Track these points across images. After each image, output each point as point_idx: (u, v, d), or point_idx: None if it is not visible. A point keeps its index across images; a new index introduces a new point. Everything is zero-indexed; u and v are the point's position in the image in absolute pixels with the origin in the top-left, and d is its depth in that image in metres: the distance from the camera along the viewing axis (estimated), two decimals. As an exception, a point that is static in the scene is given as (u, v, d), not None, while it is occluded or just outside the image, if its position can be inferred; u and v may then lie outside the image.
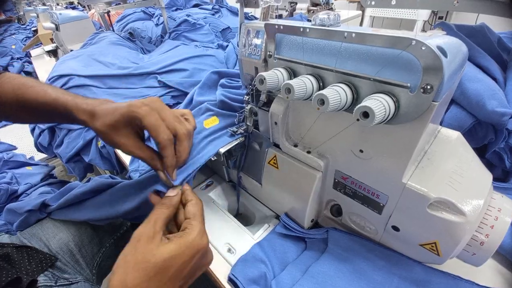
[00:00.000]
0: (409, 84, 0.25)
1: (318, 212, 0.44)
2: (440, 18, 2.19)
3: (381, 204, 0.34)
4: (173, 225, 0.35)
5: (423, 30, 2.07)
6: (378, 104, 0.24)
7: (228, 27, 1.06)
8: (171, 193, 0.35)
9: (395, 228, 0.34)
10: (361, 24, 1.65)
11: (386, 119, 0.25)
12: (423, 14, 1.84)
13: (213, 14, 1.15)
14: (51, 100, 0.40)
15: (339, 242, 0.39)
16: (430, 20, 2.22)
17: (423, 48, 0.23)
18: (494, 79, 0.48)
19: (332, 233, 0.40)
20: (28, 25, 3.26)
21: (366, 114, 0.24)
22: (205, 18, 1.07)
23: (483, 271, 0.37)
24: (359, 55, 0.28)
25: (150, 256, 0.28)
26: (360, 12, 1.59)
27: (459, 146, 0.35)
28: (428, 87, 0.24)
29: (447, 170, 0.31)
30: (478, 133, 0.45)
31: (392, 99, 0.26)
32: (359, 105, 0.24)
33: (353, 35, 0.27)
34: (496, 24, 0.58)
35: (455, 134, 0.36)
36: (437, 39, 0.26)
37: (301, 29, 0.31)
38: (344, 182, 0.37)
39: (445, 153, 0.33)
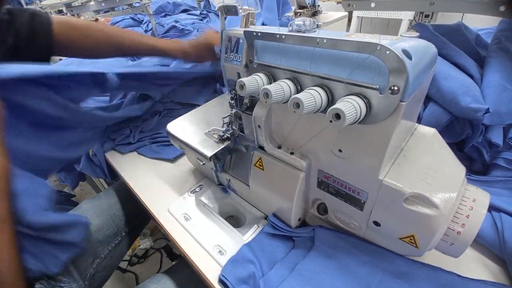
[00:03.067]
0: (378, 86, 0.26)
1: (305, 211, 0.45)
2: (427, 16, 2.23)
3: (362, 201, 0.35)
4: None
5: (410, 27, 2.11)
6: (349, 106, 0.25)
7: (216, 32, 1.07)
8: None
9: (376, 223, 0.35)
10: (348, 25, 1.67)
11: (358, 120, 0.27)
12: (408, 14, 1.87)
13: (201, 20, 1.16)
14: (148, 46, 0.60)
15: (325, 239, 0.40)
16: (417, 18, 2.26)
17: (387, 52, 0.24)
18: (471, 76, 0.50)
19: (318, 231, 0.41)
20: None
21: (338, 116, 0.25)
22: (193, 23, 1.08)
23: (468, 263, 0.39)
24: (332, 59, 0.29)
25: None
26: (346, 13, 1.61)
27: (434, 142, 0.36)
28: (395, 88, 0.25)
29: (422, 166, 0.32)
30: (456, 128, 0.47)
31: (363, 100, 0.27)
32: (331, 108, 0.25)
33: (325, 40, 0.28)
34: (483, 19, 0.59)
35: (431, 131, 0.38)
36: (403, 42, 0.27)
37: (277, 36, 0.32)
38: (327, 181, 0.38)
39: (421, 150, 0.34)
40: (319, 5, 1.32)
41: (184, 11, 1.34)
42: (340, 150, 0.33)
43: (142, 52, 0.63)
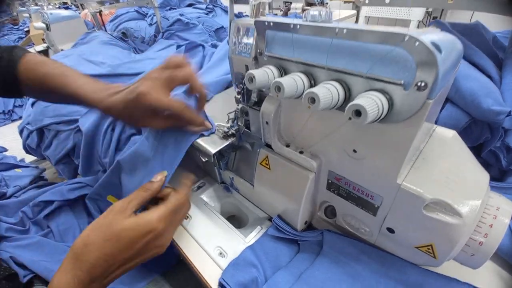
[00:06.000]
0: (402, 82, 0.24)
1: (312, 213, 0.43)
2: (434, 18, 2.20)
3: (376, 206, 0.33)
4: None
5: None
6: (371, 102, 0.23)
7: (222, 27, 1.05)
8: (153, 179, 0.40)
9: (390, 230, 0.33)
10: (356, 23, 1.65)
11: (379, 118, 0.24)
12: (417, 15, 1.85)
13: (206, 14, 1.14)
14: (69, 95, 0.42)
15: (335, 245, 0.38)
16: (424, 20, 2.23)
17: (416, 43, 0.22)
18: (489, 77, 0.48)
19: (327, 235, 0.39)
20: (20, 26, 3.21)
21: (358, 113, 0.23)
22: (199, 17, 1.06)
23: (482, 274, 0.36)
24: (351, 52, 0.27)
25: (114, 223, 0.33)
26: (355, 12, 1.58)
27: (454, 145, 0.34)
28: (422, 84, 0.23)
29: (443, 170, 0.30)
30: (473, 132, 0.44)
31: (386, 97, 0.25)
32: (351, 103, 0.23)
33: (345, 31, 0.26)
34: (491, 23, 0.58)
35: (451, 133, 0.35)
36: (431, 35, 0.24)
37: (292, 26, 0.30)
38: (337, 183, 0.36)
39: (441, 153, 0.32)
40: (327, 3, 1.29)
41: (190, 5, 1.32)
42: (354, 151, 0.31)
43: (63, 100, 0.47)
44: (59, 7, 1.92)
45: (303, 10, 1.29)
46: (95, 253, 0.31)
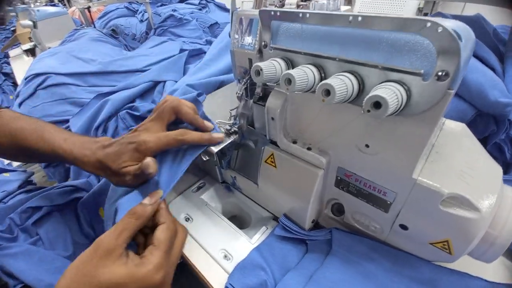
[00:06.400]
0: (422, 71, 0.23)
1: (319, 211, 0.41)
2: (425, 14, 2.22)
3: (388, 202, 0.32)
4: (142, 237, 0.33)
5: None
6: (391, 93, 0.22)
7: (216, 22, 1.02)
8: (146, 201, 0.33)
9: (403, 227, 0.32)
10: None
11: (398, 110, 0.23)
12: (409, 11, 1.87)
13: (200, 9, 1.11)
14: (50, 151, 0.39)
15: (344, 243, 0.37)
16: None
17: (439, 30, 0.21)
18: (493, 69, 0.47)
19: (336, 234, 0.38)
20: (7, 25, 3.10)
21: (377, 105, 0.22)
22: (192, 13, 1.03)
23: (486, 265, 0.36)
24: (364, 41, 0.25)
25: (99, 273, 0.27)
26: (349, 7, 1.58)
27: (465, 139, 0.33)
28: (443, 73, 0.22)
29: (457, 164, 0.29)
30: (478, 125, 0.44)
31: (404, 88, 0.23)
32: (370, 95, 0.22)
33: (359, 18, 0.24)
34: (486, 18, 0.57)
35: (460, 126, 0.35)
36: (447, 22, 0.23)
37: (300, 15, 0.28)
38: (347, 179, 0.34)
39: (453, 146, 0.31)
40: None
41: (182, 1, 1.29)
42: (367, 146, 0.30)
43: (40, 156, 0.44)
44: (46, 5, 1.85)
45: (298, 6, 1.28)
46: None
